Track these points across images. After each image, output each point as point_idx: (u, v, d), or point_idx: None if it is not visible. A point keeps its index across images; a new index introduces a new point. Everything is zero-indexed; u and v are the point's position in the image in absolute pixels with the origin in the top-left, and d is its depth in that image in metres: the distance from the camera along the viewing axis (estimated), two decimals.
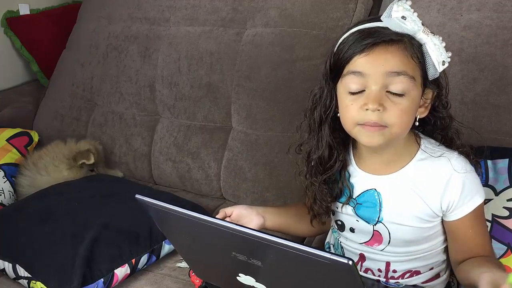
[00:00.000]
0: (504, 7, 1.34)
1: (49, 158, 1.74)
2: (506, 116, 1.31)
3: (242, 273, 0.90)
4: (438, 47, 0.95)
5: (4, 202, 1.66)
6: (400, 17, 0.93)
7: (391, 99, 0.95)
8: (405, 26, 0.94)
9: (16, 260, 1.32)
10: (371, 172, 1.07)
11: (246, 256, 0.85)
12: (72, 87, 2.01)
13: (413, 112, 0.98)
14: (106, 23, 1.98)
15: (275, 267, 0.85)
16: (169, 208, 0.89)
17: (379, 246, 1.08)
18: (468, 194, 1.01)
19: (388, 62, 0.94)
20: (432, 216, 1.04)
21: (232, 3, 1.72)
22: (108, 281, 1.27)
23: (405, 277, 1.10)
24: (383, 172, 1.06)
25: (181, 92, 1.75)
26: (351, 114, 0.98)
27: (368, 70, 0.95)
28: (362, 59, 0.95)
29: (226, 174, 1.66)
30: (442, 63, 0.96)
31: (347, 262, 0.71)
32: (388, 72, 0.94)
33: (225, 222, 0.83)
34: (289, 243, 0.75)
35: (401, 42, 0.95)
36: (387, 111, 0.94)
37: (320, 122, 1.06)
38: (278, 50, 1.60)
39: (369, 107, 0.94)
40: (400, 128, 0.97)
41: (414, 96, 0.96)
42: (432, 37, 0.95)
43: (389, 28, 0.95)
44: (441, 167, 1.01)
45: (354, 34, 0.98)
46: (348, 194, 1.08)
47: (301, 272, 0.81)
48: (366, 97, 0.95)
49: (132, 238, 1.34)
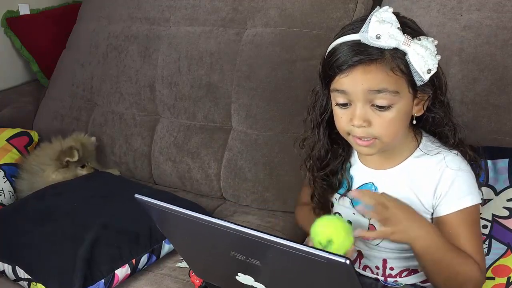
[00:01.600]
0: (504, 7, 1.34)
1: (36, 163, 1.72)
2: (506, 116, 1.31)
3: (241, 273, 0.91)
4: (422, 57, 0.94)
5: (4, 202, 1.66)
6: (375, 37, 0.93)
7: (376, 113, 0.97)
8: (380, 44, 0.94)
9: (16, 261, 1.31)
10: (370, 166, 1.09)
11: (245, 256, 0.85)
12: (72, 87, 2.01)
13: (402, 120, 1.00)
14: (106, 23, 1.98)
15: (273, 266, 0.85)
16: (169, 208, 0.89)
17: (374, 240, 1.09)
18: (458, 191, 1.01)
19: (367, 81, 0.95)
20: (425, 212, 1.04)
21: (232, 3, 1.72)
22: (109, 282, 1.27)
23: (402, 275, 1.11)
24: (382, 166, 1.08)
25: (181, 92, 1.75)
26: (341, 125, 1.01)
27: (350, 89, 0.97)
28: (343, 79, 0.97)
29: (226, 174, 1.66)
30: (427, 71, 0.95)
31: (344, 261, 0.71)
32: (368, 90, 0.95)
33: (224, 221, 0.83)
34: (287, 242, 0.75)
35: (381, 58, 0.94)
36: (373, 125, 0.97)
37: (316, 122, 1.09)
38: (278, 50, 1.60)
39: (354, 124, 0.97)
40: (389, 137, 0.99)
41: (401, 107, 0.97)
42: (415, 46, 0.94)
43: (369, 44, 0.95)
44: (435, 164, 1.03)
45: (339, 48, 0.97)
46: (347, 186, 1.10)
47: (299, 272, 0.81)
48: (351, 113, 0.98)
49: (132, 238, 1.34)
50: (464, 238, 1.01)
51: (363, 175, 1.10)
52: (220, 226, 0.83)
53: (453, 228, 1.01)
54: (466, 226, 1.02)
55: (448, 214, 1.02)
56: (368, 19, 0.94)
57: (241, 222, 1.56)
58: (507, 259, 1.13)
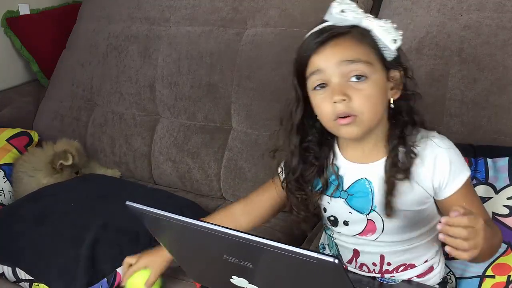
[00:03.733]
0: (504, 7, 1.34)
1: (24, 169, 1.70)
2: (506, 116, 1.31)
3: (235, 275, 0.91)
4: (386, 29, 0.99)
5: (4, 202, 1.66)
6: (339, 11, 0.98)
7: (354, 87, 0.98)
8: (346, 18, 0.98)
9: (16, 263, 1.31)
10: (358, 161, 1.07)
11: (237, 259, 0.85)
12: (72, 87, 2.01)
13: (380, 95, 1.00)
14: (106, 23, 1.98)
15: (265, 268, 0.85)
16: (159, 214, 0.89)
17: (373, 235, 1.08)
18: (456, 169, 1.02)
19: (339, 53, 0.98)
20: (426, 197, 1.04)
21: (232, 3, 1.72)
22: (112, 281, 1.27)
23: (399, 270, 1.10)
24: (370, 159, 1.06)
25: (181, 92, 1.75)
26: (324, 110, 1.01)
27: (323, 65, 0.99)
28: (316, 57, 0.99)
29: (226, 174, 1.66)
30: (393, 41, 0.99)
31: (333, 260, 0.71)
32: (341, 61, 0.97)
33: (214, 225, 0.83)
34: (276, 244, 0.75)
35: (348, 33, 0.99)
36: (352, 99, 0.97)
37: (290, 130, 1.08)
38: (278, 50, 1.60)
39: (335, 99, 0.97)
40: (371, 112, 0.99)
41: (376, 80, 0.99)
42: (377, 21, 0.99)
43: (335, 24, 1.00)
44: (426, 147, 1.02)
45: (307, 39, 1.03)
46: (336, 183, 1.08)
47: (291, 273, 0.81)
48: (330, 91, 0.99)
49: (132, 237, 1.34)
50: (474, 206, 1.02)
51: (353, 172, 1.08)
52: (211, 230, 0.82)
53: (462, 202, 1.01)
54: (470, 198, 1.04)
55: (454, 192, 1.02)
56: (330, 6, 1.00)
57: None
58: (507, 258, 1.13)
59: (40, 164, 1.70)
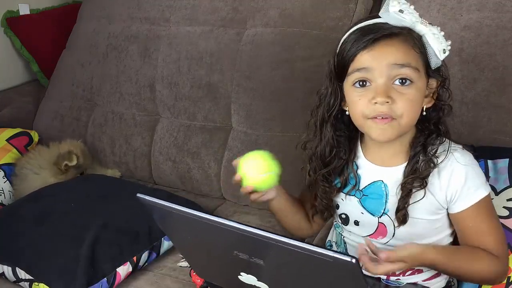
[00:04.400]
0: (504, 7, 1.34)
1: (30, 166, 1.70)
2: (506, 116, 1.31)
3: (243, 272, 0.90)
4: (438, 36, 0.98)
5: (4, 202, 1.66)
6: (397, 11, 0.96)
7: (398, 90, 0.97)
8: (404, 19, 0.97)
9: (16, 263, 1.31)
10: (378, 163, 1.08)
11: (248, 255, 0.85)
12: (72, 87, 2.01)
13: (420, 102, 1.01)
14: (106, 23, 1.98)
15: (277, 266, 0.85)
16: (171, 207, 0.89)
17: (383, 239, 1.09)
18: (471, 186, 1.02)
19: (391, 55, 0.96)
20: (439, 208, 1.04)
21: (232, 3, 1.72)
22: (112, 280, 1.28)
23: (406, 274, 1.10)
24: (389, 163, 1.07)
25: (181, 92, 1.75)
26: (360, 109, 1.00)
27: (372, 64, 0.97)
28: (365, 55, 0.97)
29: (226, 174, 1.66)
30: (443, 51, 0.98)
31: (350, 260, 0.71)
32: (392, 64, 0.96)
33: (228, 220, 0.83)
34: (292, 241, 0.75)
35: (401, 34, 0.97)
36: (395, 102, 0.97)
37: (322, 121, 1.08)
38: (278, 50, 1.60)
39: (378, 100, 0.97)
40: (409, 118, 0.99)
41: (420, 86, 0.99)
42: (431, 27, 0.98)
43: (388, 23, 0.98)
44: (445, 159, 1.03)
45: (355, 32, 1.00)
46: (354, 183, 1.09)
47: (304, 271, 0.81)
48: (373, 91, 0.98)
49: (132, 236, 1.35)
50: (484, 230, 1.02)
51: (371, 173, 1.09)
52: (224, 225, 0.82)
53: (473, 221, 1.02)
54: (484, 217, 1.03)
55: (466, 208, 1.02)
56: (386, 2, 0.97)
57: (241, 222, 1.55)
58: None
59: (45, 163, 1.70)
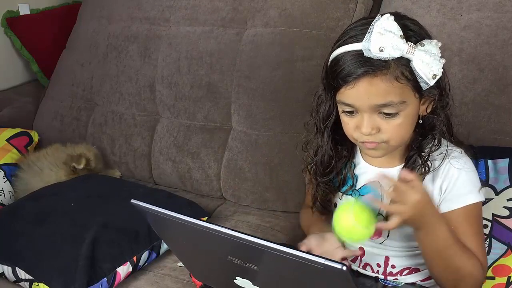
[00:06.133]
0: (504, 7, 1.34)
1: (47, 162, 1.71)
2: (506, 116, 1.31)
3: (239, 277, 0.91)
4: (427, 63, 0.94)
5: (4, 202, 1.66)
6: (377, 50, 0.92)
7: (384, 120, 0.97)
8: (384, 56, 0.93)
9: (16, 263, 1.31)
10: (375, 164, 1.09)
11: (242, 261, 0.85)
12: (72, 87, 2.01)
13: (410, 123, 1.00)
14: (106, 23, 1.98)
15: (270, 271, 0.85)
16: (165, 213, 0.89)
17: (379, 239, 1.09)
18: (462, 189, 1.02)
19: (372, 96, 0.95)
20: None
21: (232, 3, 1.72)
22: (112, 280, 1.28)
23: (403, 273, 1.11)
24: (387, 165, 1.08)
25: (181, 92, 1.75)
26: (349, 132, 1.02)
27: (355, 103, 0.97)
28: (349, 91, 0.96)
29: (226, 174, 1.66)
30: (432, 77, 0.95)
31: (340, 267, 0.71)
32: (374, 105, 0.96)
33: (220, 227, 0.83)
34: (284, 248, 0.75)
35: (385, 68, 0.94)
36: (381, 131, 0.98)
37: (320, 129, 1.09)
38: (278, 50, 1.60)
39: (363, 131, 0.98)
40: (398, 140, 1.00)
41: (408, 112, 0.98)
42: (419, 53, 0.93)
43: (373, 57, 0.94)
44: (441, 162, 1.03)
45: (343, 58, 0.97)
46: (351, 183, 1.10)
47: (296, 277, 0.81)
48: (359, 121, 0.98)
49: (132, 236, 1.34)
50: (466, 235, 1.01)
51: (368, 173, 1.10)
52: (216, 232, 0.82)
53: (455, 225, 1.01)
54: (468, 224, 1.02)
55: (451, 210, 1.02)
56: (369, 29, 0.93)
57: (241, 222, 1.56)
58: (507, 259, 1.13)
59: (60, 162, 1.71)
